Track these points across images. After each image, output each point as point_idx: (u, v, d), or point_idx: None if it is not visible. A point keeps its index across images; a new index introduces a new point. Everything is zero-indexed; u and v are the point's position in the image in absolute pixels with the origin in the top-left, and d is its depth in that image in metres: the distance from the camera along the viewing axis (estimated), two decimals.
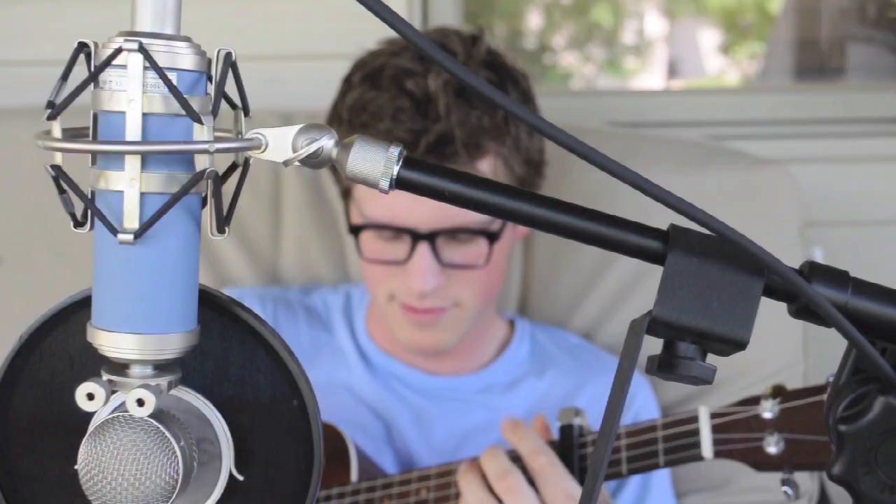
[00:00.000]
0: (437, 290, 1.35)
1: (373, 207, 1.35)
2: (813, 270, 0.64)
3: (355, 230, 1.39)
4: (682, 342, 0.64)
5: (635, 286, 1.62)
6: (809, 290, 0.62)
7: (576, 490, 1.15)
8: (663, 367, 0.64)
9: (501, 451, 1.19)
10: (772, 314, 0.74)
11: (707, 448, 1.15)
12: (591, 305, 1.65)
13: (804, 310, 0.64)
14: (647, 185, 0.60)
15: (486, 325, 1.51)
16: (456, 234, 1.33)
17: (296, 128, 0.63)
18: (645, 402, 1.50)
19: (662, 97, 2.60)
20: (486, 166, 1.35)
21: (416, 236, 1.32)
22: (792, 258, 1.04)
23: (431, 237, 1.32)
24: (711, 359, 0.65)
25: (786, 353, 1.62)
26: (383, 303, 1.40)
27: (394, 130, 1.30)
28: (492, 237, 1.35)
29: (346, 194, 1.42)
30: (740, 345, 0.63)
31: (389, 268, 1.36)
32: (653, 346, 0.65)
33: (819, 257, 1.77)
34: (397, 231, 1.33)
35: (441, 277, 1.34)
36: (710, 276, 0.63)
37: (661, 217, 0.66)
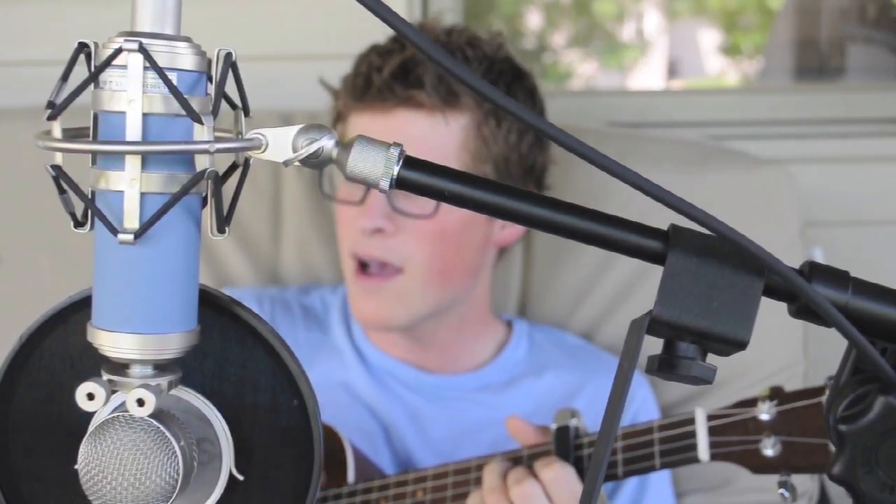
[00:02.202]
0: (384, 234, 1.37)
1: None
2: (813, 270, 0.64)
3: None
4: (682, 342, 0.64)
5: (635, 286, 1.62)
6: (809, 290, 0.62)
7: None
8: (663, 366, 0.64)
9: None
10: (772, 314, 0.74)
11: (703, 450, 1.15)
12: (591, 306, 1.65)
13: (804, 310, 0.64)
14: (647, 185, 0.60)
15: (471, 326, 1.51)
16: None
17: (296, 128, 0.63)
18: (644, 402, 1.50)
19: (662, 97, 2.60)
20: (459, 124, 1.37)
21: None
22: (792, 258, 1.04)
23: None
24: (711, 359, 0.64)
25: (786, 353, 1.62)
26: (347, 265, 1.43)
27: (368, 56, 1.40)
28: None
29: (339, 119, 1.45)
30: (740, 345, 0.63)
31: (351, 213, 1.40)
32: (653, 346, 0.65)
33: (819, 257, 1.77)
34: None
35: (389, 223, 1.37)
36: (710, 276, 0.63)
37: (661, 217, 0.66)
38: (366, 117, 1.38)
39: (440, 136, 1.37)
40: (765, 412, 1.12)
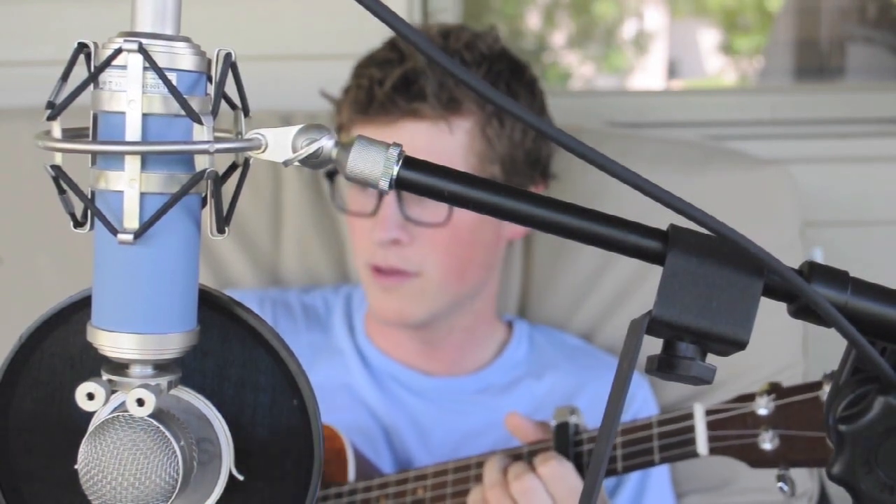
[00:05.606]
0: (400, 245, 1.38)
1: None
2: (813, 270, 0.64)
3: (330, 174, 1.48)
4: (681, 342, 0.64)
5: (635, 286, 1.62)
6: (809, 290, 0.62)
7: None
8: (663, 366, 0.64)
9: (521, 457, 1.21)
10: (772, 314, 0.74)
11: (702, 444, 1.15)
12: (591, 306, 1.65)
13: (804, 310, 0.64)
14: (647, 185, 0.60)
15: (482, 325, 1.51)
16: None
17: (296, 128, 0.63)
18: (644, 403, 1.50)
19: (662, 97, 2.60)
20: (463, 129, 1.38)
21: None
22: (792, 258, 1.04)
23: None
24: (711, 359, 0.65)
25: (786, 353, 1.62)
26: (363, 271, 1.43)
27: (367, 69, 1.39)
28: None
29: (342, 129, 1.46)
30: (740, 345, 0.63)
31: (364, 225, 1.40)
32: (653, 346, 0.65)
33: (819, 257, 1.77)
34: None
35: (404, 233, 1.38)
36: (710, 276, 0.63)
37: (661, 217, 0.66)
38: (370, 129, 1.38)
39: (445, 143, 1.37)
40: (763, 407, 1.13)
